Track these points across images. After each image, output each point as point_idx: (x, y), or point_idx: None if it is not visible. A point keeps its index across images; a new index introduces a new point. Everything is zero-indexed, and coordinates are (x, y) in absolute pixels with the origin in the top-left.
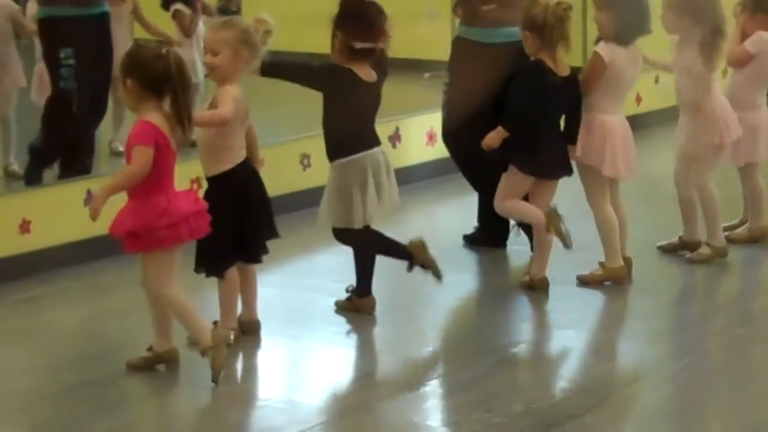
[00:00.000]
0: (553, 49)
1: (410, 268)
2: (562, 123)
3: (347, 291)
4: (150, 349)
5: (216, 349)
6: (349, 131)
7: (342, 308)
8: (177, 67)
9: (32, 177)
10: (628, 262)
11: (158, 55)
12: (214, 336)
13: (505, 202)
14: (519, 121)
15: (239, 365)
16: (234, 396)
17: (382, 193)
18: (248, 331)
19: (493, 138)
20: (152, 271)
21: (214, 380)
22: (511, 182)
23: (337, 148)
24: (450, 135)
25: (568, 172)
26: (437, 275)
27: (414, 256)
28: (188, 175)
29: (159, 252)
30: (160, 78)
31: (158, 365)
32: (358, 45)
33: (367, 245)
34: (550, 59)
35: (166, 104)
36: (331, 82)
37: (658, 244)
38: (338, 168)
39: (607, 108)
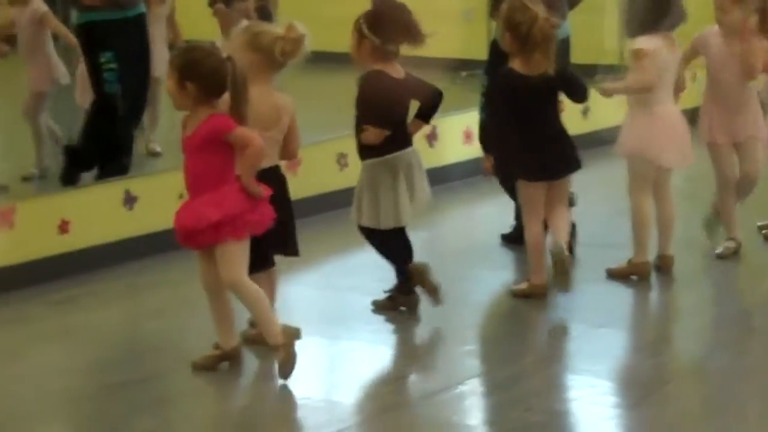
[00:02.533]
0: (528, 55)
1: (400, 294)
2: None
3: (385, 291)
4: (217, 347)
5: (287, 346)
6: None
7: (381, 308)
8: (238, 75)
9: (68, 178)
10: (668, 260)
11: (222, 62)
12: (285, 332)
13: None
14: (492, 138)
15: (277, 365)
16: (272, 395)
17: (415, 193)
18: (258, 342)
19: (486, 164)
20: (230, 262)
21: (285, 377)
22: (524, 195)
23: (369, 148)
24: (485, 136)
25: (572, 168)
26: (434, 300)
27: (411, 278)
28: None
29: (237, 242)
30: (221, 85)
31: (223, 363)
32: (392, 47)
33: (388, 249)
34: (523, 61)
35: (221, 103)
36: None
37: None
38: (370, 167)
39: (658, 99)
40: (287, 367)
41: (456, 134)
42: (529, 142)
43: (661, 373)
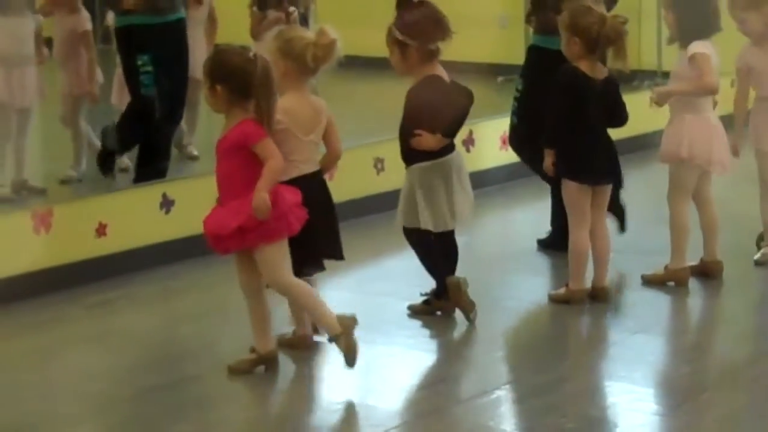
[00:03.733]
0: (594, 58)
1: (426, 296)
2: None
3: (422, 295)
4: (253, 350)
5: (347, 335)
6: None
7: (417, 312)
8: (263, 73)
9: (104, 163)
10: (717, 265)
11: (247, 60)
12: (341, 321)
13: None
14: (557, 134)
15: (313, 369)
16: (308, 399)
17: (465, 196)
18: (296, 346)
19: (547, 161)
20: (271, 265)
21: (351, 364)
22: (569, 195)
23: (419, 152)
24: (516, 139)
25: (614, 179)
26: (467, 317)
27: (447, 291)
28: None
29: (272, 245)
30: (249, 84)
31: (259, 367)
32: (432, 45)
33: (428, 254)
34: (590, 65)
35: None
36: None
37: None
38: (420, 172)
39: (706, 106)
40: (351, 354)
41: (493, 139)
42: (584, 144)
43: (698, 381)
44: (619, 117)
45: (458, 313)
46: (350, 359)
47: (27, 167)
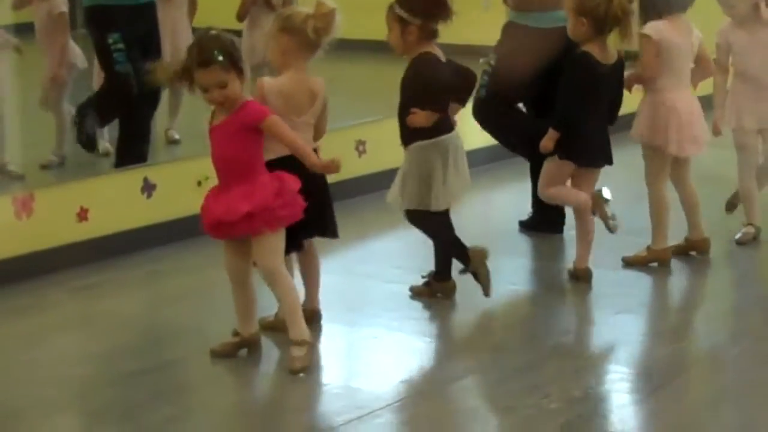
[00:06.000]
0: (604, 38)
1: (463, 272)
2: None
3: (423, 277)
4: (236, 334)
5: (311, 345)
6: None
7: (418, 294)
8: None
9: (84, 140)
10: (704, 243)
11: (229, 40)
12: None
13: (549, 189)
14: (569, 121)
15: (293, 358)
16: (292, 381)
17: (461, 176)
18: (308, 321)
19: (547, 142)
20: (268, 251)
21: (295, 372)
22: (552, 168)
23: (417, 131)
24: (482, 111)
25: (609, 161)
26: (486, 290)
27: (471, 262)
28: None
29: (273, 232)
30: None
31: (242, 350)
32: (432, 24)
33: (439, 230)
34: (599, 47)
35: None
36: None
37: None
38: (419, 150)
39: (666, 85)
40: (303, 366)
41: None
42: (587, 128)
43: (679, 360)
44: (612, 113)
45: (457, 295)
46: (299, 368)
47: (7, 151)
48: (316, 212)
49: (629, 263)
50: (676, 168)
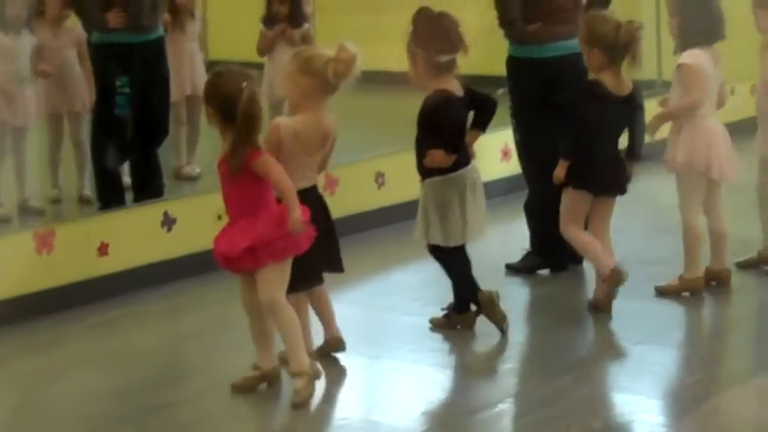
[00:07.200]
0: (617, 67)
1: (475, 315)
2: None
3: (443, 309)
4: (256, 368)
5: (312, 377)
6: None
7: (438, 326)
8: (247, 105)
9: (106, 199)
10: (726, 273)
11: (237, 90)
12: (313, 366)
13: (581, 236)
14: (577, 149)
15: (317, 384)
16: (312, 415)
17: (478, 210)
18: (334, 349)
19: (559, 171)
20: (270, 283)
21: (299, 407)
22: (568, 201)
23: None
24: (522, 154)
25: (622, 190)
26: (501, 329)
27: (481, 306)
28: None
29: (277, 264)
30: (235, 110)
31: (262, 384)
32: (444, 58)
33: (453, 265)
34: (613, 77)
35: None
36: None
37: (736, 261)
38: (433, 186)
39: (704, 112)
40: (303, 399)
41: (493, 151)
42: (595, 156)
43: (703, 390)
44: (633, 146)
45: (476, 328)
46: (301, 403)
47: (27, 187)
48: (323, 248)
49: (662, 292)
50: (709, 196)
